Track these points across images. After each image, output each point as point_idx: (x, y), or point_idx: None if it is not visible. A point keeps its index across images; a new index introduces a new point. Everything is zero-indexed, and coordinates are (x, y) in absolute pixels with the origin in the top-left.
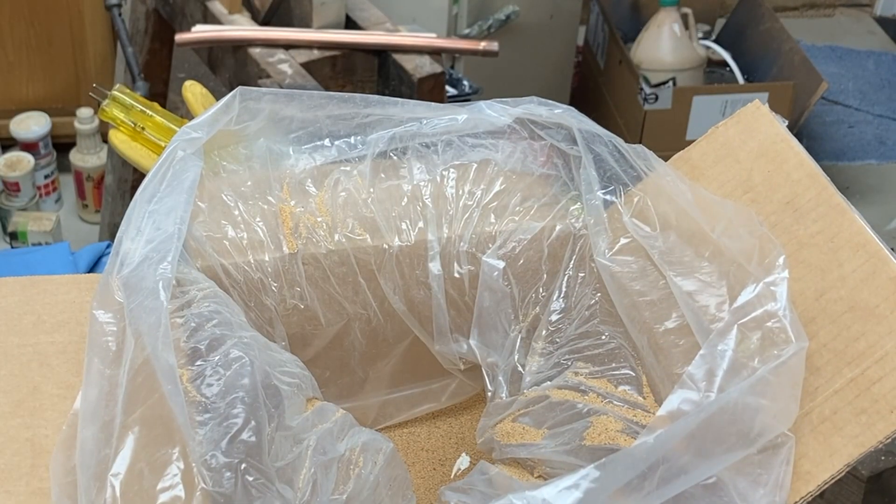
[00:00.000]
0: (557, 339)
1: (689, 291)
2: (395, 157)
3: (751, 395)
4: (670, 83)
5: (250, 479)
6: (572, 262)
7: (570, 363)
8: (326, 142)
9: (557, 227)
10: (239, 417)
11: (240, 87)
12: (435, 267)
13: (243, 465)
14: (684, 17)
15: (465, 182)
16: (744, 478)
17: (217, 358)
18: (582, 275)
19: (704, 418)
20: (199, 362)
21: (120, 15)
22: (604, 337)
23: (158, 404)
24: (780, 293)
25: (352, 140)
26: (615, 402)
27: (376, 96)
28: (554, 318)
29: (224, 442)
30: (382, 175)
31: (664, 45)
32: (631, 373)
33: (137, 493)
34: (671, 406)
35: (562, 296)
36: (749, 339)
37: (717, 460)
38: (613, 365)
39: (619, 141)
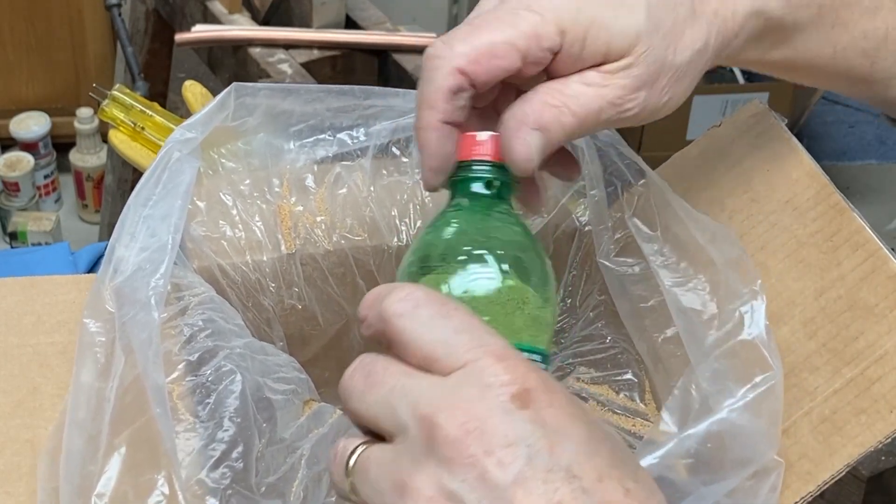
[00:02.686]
0: (562, 341)
1: (683, 302)
2: (397, 151)
3: (738, 421)
4: None
5: None
6: (577, 258)
7: (572, 368)
8: (328, 135)
9: (563, 223)
10: (226, 441)
11: (235, 83)
12: None
13: (229, 492)
14: None
15: None
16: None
17: (208, 372)
18: (587, 273)
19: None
20: (189, 377)
21: (120, 15)
22: (608, 340)
23: (146, 427)
24: (757, 318)
25: (353, 132)
26: (615, 411)
27: (377, 87)
28: (559, 316)
29: (209, 466)
30: (384, 172)
31: None
32: (633, 378)
33: None
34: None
35: (566, 294)
36: (728, 368)
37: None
38: (616, 370)
39: (618, 137)
